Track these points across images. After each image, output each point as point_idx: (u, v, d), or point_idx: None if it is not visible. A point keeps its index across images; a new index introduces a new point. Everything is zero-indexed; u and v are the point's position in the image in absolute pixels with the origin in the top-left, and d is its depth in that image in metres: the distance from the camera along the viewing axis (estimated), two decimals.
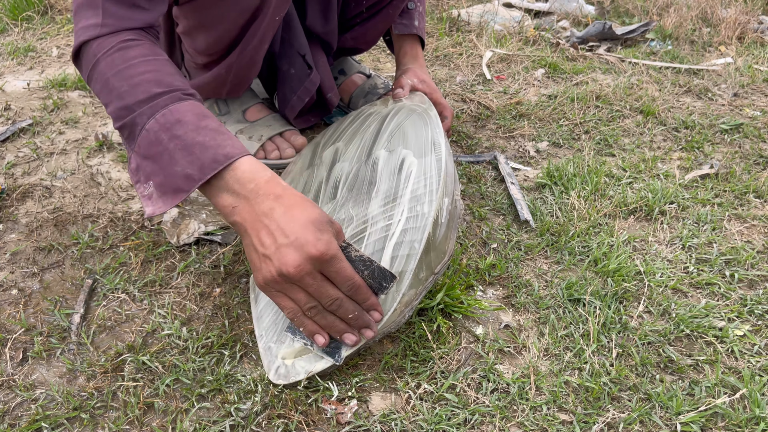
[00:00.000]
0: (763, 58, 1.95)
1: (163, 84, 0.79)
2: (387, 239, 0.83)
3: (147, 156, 0.78)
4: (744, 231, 1.11)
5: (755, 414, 0.76)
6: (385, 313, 0.79)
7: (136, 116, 0.78)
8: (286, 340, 0.80)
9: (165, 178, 0.78)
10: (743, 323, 0.91)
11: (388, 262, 0.81)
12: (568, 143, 1.39)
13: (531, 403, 0.77)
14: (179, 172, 0.76)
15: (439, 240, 0.85)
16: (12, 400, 0.76)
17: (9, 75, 1.61)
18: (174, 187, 0.77)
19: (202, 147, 0.76)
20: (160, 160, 0.77)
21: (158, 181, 0.78)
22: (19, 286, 0.93)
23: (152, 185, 0.79)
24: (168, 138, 0.77)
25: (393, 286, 0.79)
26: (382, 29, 1.30)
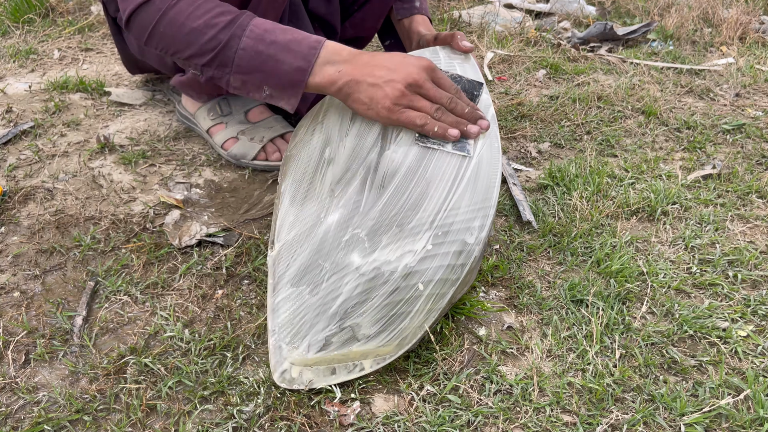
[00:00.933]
0: (764, 58, 1.95)
1: (233, 11, 0.91)
2: (423, 268, 0.81)
3: (251, 70, 0.90)
4: (747, 231, 1.11)
5: (759, 415, 0.76)
6: (409, 342, 0.80)
7: (229, 41, 0.89)
8: (301, 345, 0.79)
9: (278, 80, 0.90)
10: (747, 324, 0.91)
11: (423, 298, 0.80)
12: (569, 144, 1.39)
13: (534, 405, 0.77)
14: (288, 69, 0.89)
15: (471, 273, 0.84)
16: (14, 402, 0.76)
17: (11, 77, 1.61)
18: (290, 82, 0.90)
19: (296, 42, 0.89)
20: (266, 67, 0.89)
21: (273, 83, 0.90)
22: (21, 288, 0.93)
23: (268, 88, 0.91)
24: (266, 46, 0.89)
25: (482, 92, 0.93)
26: (380, 14, 1.31)
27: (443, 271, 0.81)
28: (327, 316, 0.79)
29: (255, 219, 1.09)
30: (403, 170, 0.87)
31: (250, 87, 0.92)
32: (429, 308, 0.80)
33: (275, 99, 0.92)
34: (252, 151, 1.22)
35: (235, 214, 1.11)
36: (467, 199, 0.85)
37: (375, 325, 0.79)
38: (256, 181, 1.20)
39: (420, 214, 0.83)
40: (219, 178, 1.21)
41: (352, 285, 0.80)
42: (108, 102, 1.48)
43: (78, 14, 2.03)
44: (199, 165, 1.25)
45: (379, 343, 0.79)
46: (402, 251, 0.81)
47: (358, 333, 0.78)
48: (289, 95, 0.91)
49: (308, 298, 0.81)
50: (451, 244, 0.82)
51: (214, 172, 1.23)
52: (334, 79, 0.88)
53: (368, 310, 0.79)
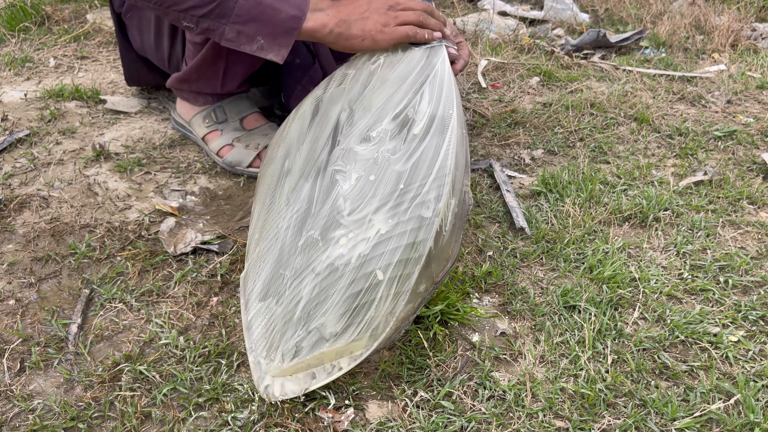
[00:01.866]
0: (756, 65, 1.97)
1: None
2: (378, 253, 0.79)
3: (248, 20, 0.95)
4: (738, 237, 1.12)
5: (750, 419, 0.76)
6: (383, 332, 0.78)
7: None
8: (276, 356, 0.78)
9: (274, 28, 0.96)
10: (738, 329, 0.91)
11: (384, 283, 0.78)
12: (563, 151, 1.40)
13: (527, 410, 0.77)
14: (285, 17, 0.95)
15: (442, 247, 0.81)
16: (9, 410, 0.76)
17: (6, 85, 1.61)
18: (285, 29, 0.96)
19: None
20: (264, 16, 0.95)
21: (267, 32, 0.96)
22: (17, 296, 0.93)
23: (261, 38, 0.97)
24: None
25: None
26: None
27: (401, 251, 0.79)
28: (293, 322, 0.79)
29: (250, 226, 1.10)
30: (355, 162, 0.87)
31: (243, 38, 0.97)
32: (395, 292, 0.78)
33: (266, 50, 0.97)
34: (247, 158, 1.23)
35: (230, 222, 1.11)
36: (422, 172, 0.83)
37: (340, 321, 0.77)
38: (251, 189, 1.21)
39: (371, 200, 0.82)
40: (214, 185, 1.22)
41: (310, 286, 0.80)
42: (103, 110, 1.49)
43: (74, 22, 2.04)
44: (195, 172, 1.25)
45: (349, 338, 0.77)
46: (355, 242, 0.80)
47: (325, 332, 0.78)
48: (280, 45, 0.97)
49: (275, 309, 0.81)
50: (407, 222, 0.80)
51: (209, 180, 1.23)
52: (325, 22, 0.96)
53: (330, 307, 0.78)
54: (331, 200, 0.85)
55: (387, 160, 0.85)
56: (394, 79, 0.94)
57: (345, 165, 0.87)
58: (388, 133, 0.88)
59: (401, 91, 0.93)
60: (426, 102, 0.91)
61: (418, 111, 0.90)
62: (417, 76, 0.94)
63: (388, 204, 0.82)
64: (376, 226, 0.81)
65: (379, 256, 0.79)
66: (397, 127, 0.88)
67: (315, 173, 0.89)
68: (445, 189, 0.82)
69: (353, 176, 0.86)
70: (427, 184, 0.82)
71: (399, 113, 0.90)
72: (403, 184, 0.83)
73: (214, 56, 1.17)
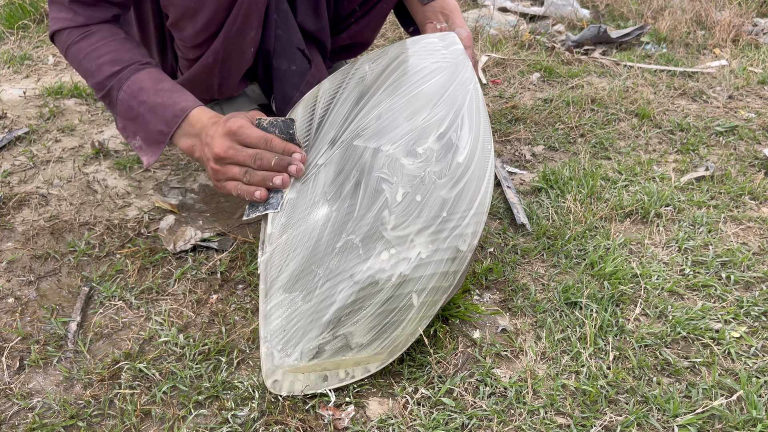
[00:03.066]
0: (757, 60, 1.96)
1: (123, 60, 0.99)
2: (417, 276, 0.81)
3: (127, 118, 0.99)
4: (740, 233, 1.12)
5: (752, 416, 0.76)
6: (400, 350, 0.80)
7: (110, 89, 0.98)
8: (293, 352, 0.78)
9: (146, 134, 0.98)
10: (740, 325, 0.91)
11: (416, 307, 0.81)
12: (563, 147, 1.40)
13: (528, 407, 0.77)
14: (153, 130, 0.97)
15: (462, 278, 0.84)
16: (9, 408, 0.76)
17: (5, 83, 1.61)
18: (154, 140, 0.98)
19: (163, 107, 0.96)
20: (137, 122, 0.98)
21: (142, 136, 0.99)
22: (16, 294, 0.93)
23: (139, 139, 1.00)
24: (137, 104, 0.97)
25: (296, 127, 0.94)
26: (377, 25, 1.31)
27: (437, 278, 0.81)
28: (321, 323, 0.79)
29: (249, 223, 1.09)
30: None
31: (128, 132, 1.01)
32: (422, 316, 0.81)
33: (143, 151, 0.99)
34: None
35: (230, 219, 1.11)
36: (464, 205, 0.85)
37: (368, 333, 0.79)
38: None
39: (415, 220, 0.84)
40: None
41: (347, 293, 0.80)
42: (102, 107, 1.48)
43: None
44: (194, 170, 1.25)
45: (372, 351, 0.79)
46: (397, 259, 0.81)
47: (352, 341, 0.78)
48: (153, 150, 0.99)
49: (301, 304, 0.81)
50: (444, 251, 0.83)
51: (208, 177, 1.23)
52: (190, 153, 0.96)
53: (362, 318, 0.79)
54: (376, 209, 0.86)
55: (434, 183, 0.87)
56: (414, 90, 0.95)
57: (391, 175, 0.88)
58: (434, 153, 0.90)
59: (439, 107, 0.95)
60: (467, 130, 0.93)
61: (460, 138, 0.92)
62: (450, 92, 0.95)
63: (431, 228, 0.84)
64: (417, 248, 0.83)
65: (416, 279, 0.81)
66: (442, 150, 0.90)
67: (358, 174, 0.89)
68: (481, 226, 0.86)
69: (400, 191, 0.87)
70: (467, 218, 0.86)
71: (443, 134, 0.92)
72: (446, 212, 0.86)
73: (206, 73, 1.14)
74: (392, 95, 0.96)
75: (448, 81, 0.98)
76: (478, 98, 0.96)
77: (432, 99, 0.95)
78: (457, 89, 0.96)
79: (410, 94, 0.96)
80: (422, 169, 0.88)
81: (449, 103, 0.95)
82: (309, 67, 1.21)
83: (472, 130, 0.93)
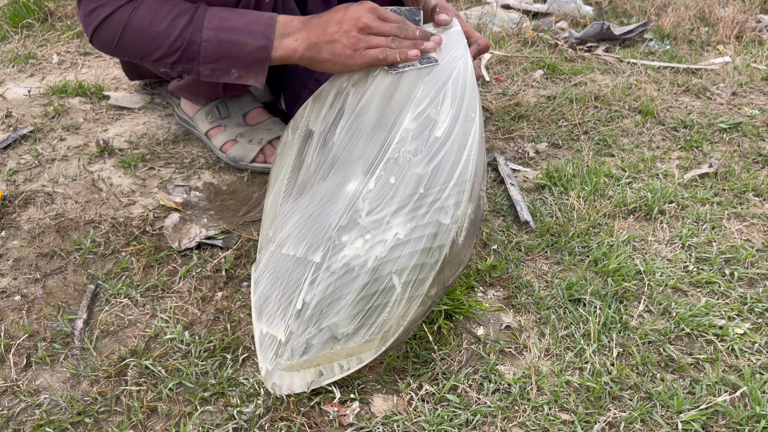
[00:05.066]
0: (761, 56, 1.95)
1: (189, 9, 0.96)
2: (394, 256, 0.79)
3: (217, 58, 0.97)
4: (743, 229, 1.12)
5: (756, 412, 0.76)
6: (393, 334, 0.78)
7: (191, 37, 0.96)
8: (284, 352, 0.78)
9: (244, 60, 0.97)
10: (743, 321, 0.91)
11: (399, 287, 0.78)
12: (567, 144, 1.40)
13: (532, 403, 0.77)
14: (252, 50, 0.96)
15: (456, 252, 0.81)
16: (16, 405, 0.76)
17: (10, 82, 1.61)
18: (255, 60, 0.97)
19: (253, 23, 0.95)
20: (232, 52, 0.96)
21: (239, 65, 0.97)
22: (22, 292, 0.94)
23: (235, 70, 0.98)
24: (226, 33, 0.95)
25: (422, 18, 1.01)
26: None
27: (418, 256, 0.79)
28: (304, 319, 0.79)
29: (254, 221, 1.10)
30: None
31: (219, 73, 0.99)
32: (409, 296, 0.78)
33: (244, 79, 0.99)
34: (251, 153, 1.23)
35: (234, 217, 1.11)
36: (443, 177, 0.83)
37: (352, 321, 0.77)
38: (255, 184, 1.21)
39: (390, 202, 0.82)
40: (218, 180, 1.22)
41: (324, 284, 0.79)
42: (107, 106, 1.49)
43: (76, 18, 2.04)
44: (198, 168, 1.25)
45: (361, 339, 0.77)
46: (372, 243, 0.80)
47: (337, 332, 0.77)
48: (256, 72, 0.98)
49: (288, 306, 0.81)
50: (425, 227, 0.80)
51: (213, 175, 1.23)
52: (294, 48, 0.95)
53: (343, 307, 0.78)
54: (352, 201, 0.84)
55: (408, 162, 0.84)
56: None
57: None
58: (409, 132, 0.87)
59: (420, 87, 0.92)
60: (449, 103, 0.90)
61: (440, 113, 0.89)
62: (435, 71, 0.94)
63: (407, 207, 0.81)
64: (394, 228, 0.80)
65: (395, 260, 0.79)
66: (418, 128, 0.87)
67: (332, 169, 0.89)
68: (464, 195, 0.82)
69: (372, 178, 0.84)
70: (447, 189, 0.82)
71: (421, 113, 0.89)
72: (423, 188, 0.82)
73: None
74: (378, 84, 0.94)
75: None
76: (467, 71, 0.93)
77: (415, 82, 0.93)
78: (444, 67, 0.94)
79: (395, 80, 0.94)
80: (396, 150, 0.85)
81: (432, 81, 0.93)
82: None
83: (455, 102, 0.90)
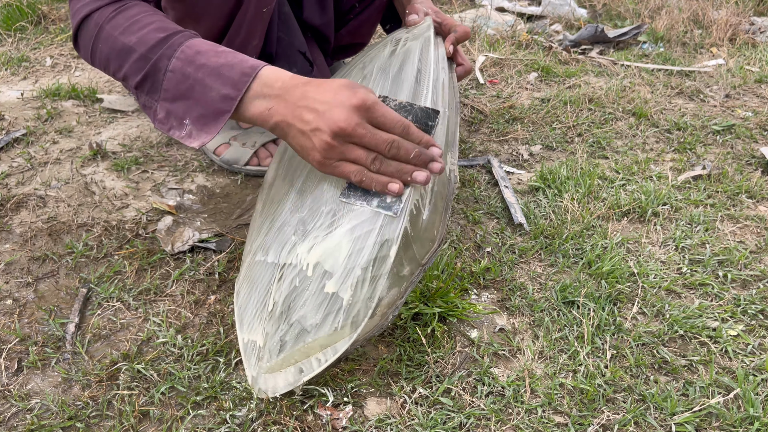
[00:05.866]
0: (754, 59, 1.96)
1: (170, 29, 0.83)
2: (350, 236, 0.76)
3: (177, 96, 0.81)
4: (737, 231, 1.12)
5: (749, 414, 0.76)
6: (364, 318, 0.75)
7: (156, 61, 0.81)
8: (264, 354, 0.78)
9: (203, 108, 0.80)
10: (737, 323, 0.91)
11: (359, 273, 0.75)
12: (561, 146, 1.40)
13: (526, 406, 0.77)
14: (216, 96, 0.79)
15: (424, 228, 0.78)
16: (7, 410, 0.76)
17: (3, 85, 1.61)
18: (215, 111, 0.79)
19: (228, 67, 0.79)
20: (193, 93, 0.80)
21: (196, 115, 0.81)
22: (14, 295, 0.93)
23: (189, 122, 0.81)
24: (194, 69, 0.79)
25: (439, 121, 0.81)
26: (374, 21, 1.32)
27: (372, 235, 0.76)
28: (275, 318, 0.78)
29: (247, 224, 1.09)
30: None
31: (173, 120, 0.83)
32: (371, 276, 0.75)
33: (193, 137, 0.81)
34: (244, 156, 1.22)
35: (228, 220, 1.11)
36: None
37: (318, 310, 0.75)
38: (248, 187, 1.20)
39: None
40: (211, 183, 1.21)
41: (288, 279, 0.78)
42: (100, 109, 1.48)
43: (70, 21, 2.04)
44: (192, 171, 1.25)
45: (331, 327, 0.75)
46: (330, 229, 0.78)
47: (306, 324, 0.76)
48: (209, 129, 0.80)
49: (262, 309, 0.81)
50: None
51: (206, 178, 1.23)
52: (266, 117, 0.78)
53: (307, 297, 0.76)
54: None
55: None
56: None
57: None
58: None
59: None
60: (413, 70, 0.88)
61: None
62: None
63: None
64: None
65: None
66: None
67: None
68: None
69: None
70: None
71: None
72: None
73: None
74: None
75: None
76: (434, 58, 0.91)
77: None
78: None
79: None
80: None
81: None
82: (311, 69, 1.21)
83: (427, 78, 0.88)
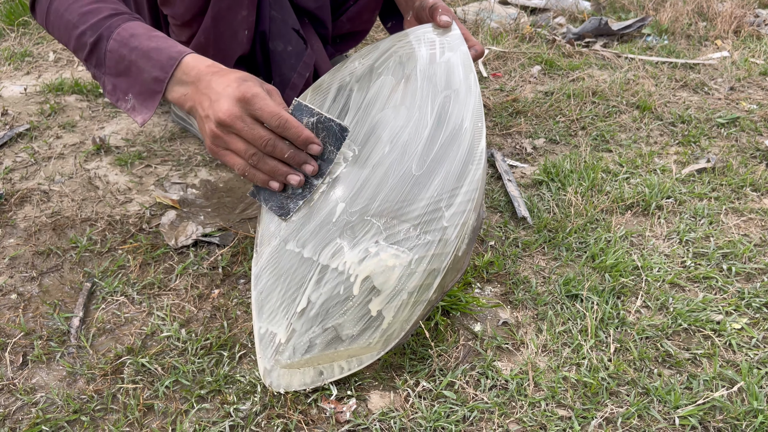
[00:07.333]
0: (759, 51, 1.95)
1: (110, 8, 0.89)
2: (402, 271, 0.79)
3: (118, 74, 0.88)
4: (741, 224, 1.11)
5: (753, 407, 0.76)
6: (396, 338, 0.78)
7: (98, 40, 0.87)
8: (286, 350, 0.78)
9: (141, 86, 0.86)
10: (741, 316, 0.91)
11: (406, 291, 0.78)
12: (564, 139, 1.40)
13: (529, 399, 0.77)
14: (148, 78, 0.85)
15: (458, 259, 0.82)
16: (12, 403, 0.76)
17: (6, 80, 1.61)
18: (149, 90, 0.86)
19: (157, 50, 0.85)
20: (130, 73, 0.86)
21: (136, 91, 0.87)
22: (18, 290, 0.93)
23: (131, 97, 0.88)
24: (128, 51, 0.86)
25: (347, 137, 0.84)
26: (375, 7, 1.31)
27: (427, 262, 0.79)
28: (309, 318, 0.79)
29: (251, 218, 1.10)
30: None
31: (119, 93, 0.89)
32: (414, 301, 0.79)
33: (137, 111, 0.88)
34: None
35: (231, 214, 1.11)
36: (452, 183, 0.83)
37: (358, 323, 0.78)
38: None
39: (403, 207, 0.82)
40: (215, 178, 1.21)
41: (332, 284, 0.79)
42: (103, 103, 1.48)
43: None
44: (195, 165, 1.25)
45: (365, 342, 0.78)
46: (382, 247, 0.80)
47: (342, 333, 0.78)
48: (147, 106, 0.87)
49: (291, 303, 0.81)
50: (434, 233, 0.80)
51: (209, 172, 1.23)
52: (182, 102, 0.84)
53: (350, 308, 0.78)
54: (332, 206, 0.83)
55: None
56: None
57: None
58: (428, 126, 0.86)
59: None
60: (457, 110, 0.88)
61: (451, 115, 0.87)
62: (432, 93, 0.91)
63: (421, 218, 0.81)
64: (404, 233, 0.80)
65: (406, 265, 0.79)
66: (430, 135, 0.86)
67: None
68: (471, 205, 0.82)
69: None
70: (458, 196, 0.82)
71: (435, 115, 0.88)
72: (436, 192, 0.82)
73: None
74: (382, 82, 0.92)
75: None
76: (469, 81, 0.91)
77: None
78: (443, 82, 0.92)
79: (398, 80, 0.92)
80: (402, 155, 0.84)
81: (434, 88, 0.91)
82: (305, 48, 1.20)
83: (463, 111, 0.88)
